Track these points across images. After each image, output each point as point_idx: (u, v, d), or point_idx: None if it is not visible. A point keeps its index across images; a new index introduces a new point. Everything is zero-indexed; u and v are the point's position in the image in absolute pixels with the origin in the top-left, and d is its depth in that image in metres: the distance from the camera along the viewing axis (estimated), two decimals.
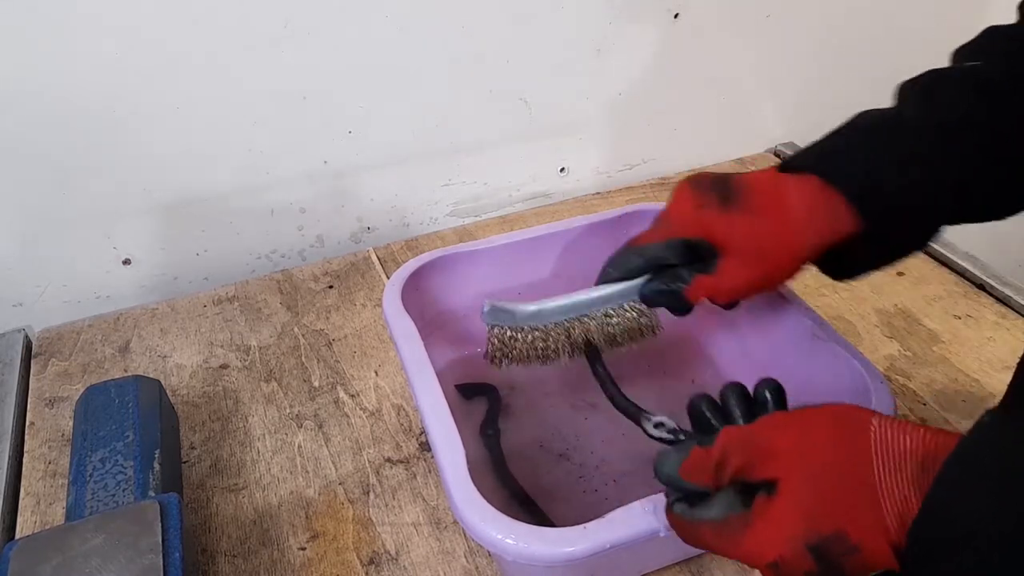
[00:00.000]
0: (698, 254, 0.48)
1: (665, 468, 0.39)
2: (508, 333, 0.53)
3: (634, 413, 0.50)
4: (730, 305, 0.50)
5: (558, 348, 0.54)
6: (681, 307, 0.51)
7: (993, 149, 0.42)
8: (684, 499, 0.39)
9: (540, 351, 0.54)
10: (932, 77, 0.45)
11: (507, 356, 0.54)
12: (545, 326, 0.53)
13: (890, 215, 0.44)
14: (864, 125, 0.45)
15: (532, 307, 0.53)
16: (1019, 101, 0.42)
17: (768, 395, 0.41)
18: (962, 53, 0.46)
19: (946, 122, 0.43)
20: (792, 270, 0.47)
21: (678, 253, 0.49)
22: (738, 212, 0.46)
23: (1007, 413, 0.32)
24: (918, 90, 0.45)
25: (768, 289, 0.48)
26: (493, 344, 0.53)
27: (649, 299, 0.52)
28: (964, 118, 0.42)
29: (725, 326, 0.64)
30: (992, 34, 0.46)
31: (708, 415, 0.42)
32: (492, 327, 0.53)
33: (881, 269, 0.48)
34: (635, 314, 0.53)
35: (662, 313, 0.54)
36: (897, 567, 0.32)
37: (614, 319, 0.54)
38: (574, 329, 0.54)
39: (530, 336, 0.53)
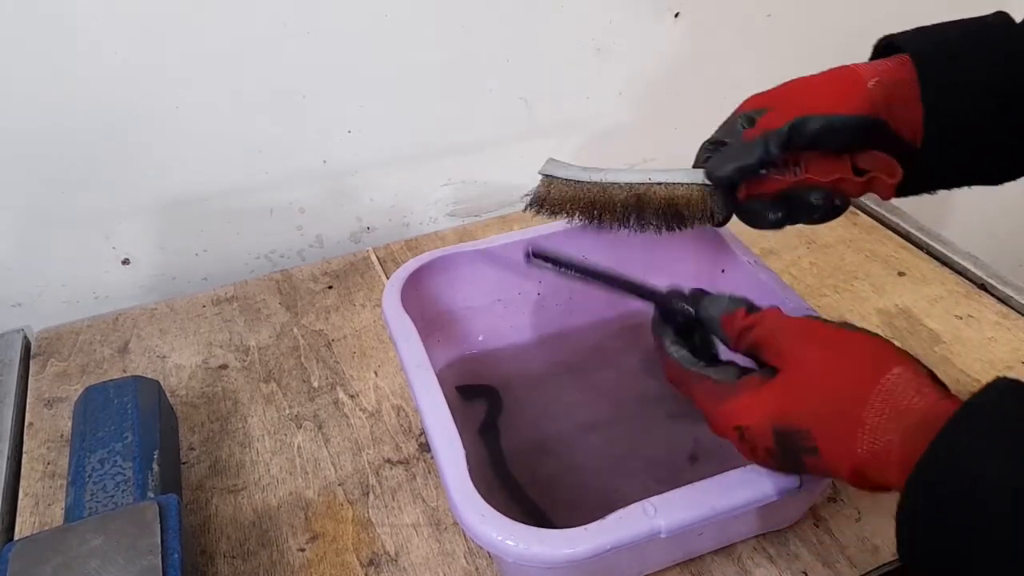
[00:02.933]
0: None
1: (710, 309, 0.45)
2: (559, 185, 0.55)
3: (662, 296, 0.48)
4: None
5: (604, 206, 0.54)
6: (750, 164, 0.48)
7: None
8: (689, 349, 0.45)
9: (583, 204, 0.54)
10: None
11: (549, 204, 0.55)
12: (599, 183, 0.53)
13: (956, 89, 0.43)
14: (984, 22, 0.45)
15: (592, 171, 0.53)
16: None
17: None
18: None
19: None
20: (853, 94, 0.45)
21: (740, 124, 0.50)
22: (786, 83, 0.49)
23: None
24: None
25: (836, 111, 0.46)
26: (539, 190, 0.56)
27: (711, 166, 0.50)
28: None
29: None
30: None
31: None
32: (545, 177, 0.55)
33: (931, 191, 0.48)
34: (693, 193, 0.52)
35: None
36: (850, 480, 0.36)
37: (670, 191, 0.52)
38: (625, 192, 0.53)
39: (581, 190, 0.54)
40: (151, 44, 0.65)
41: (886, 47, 0.48)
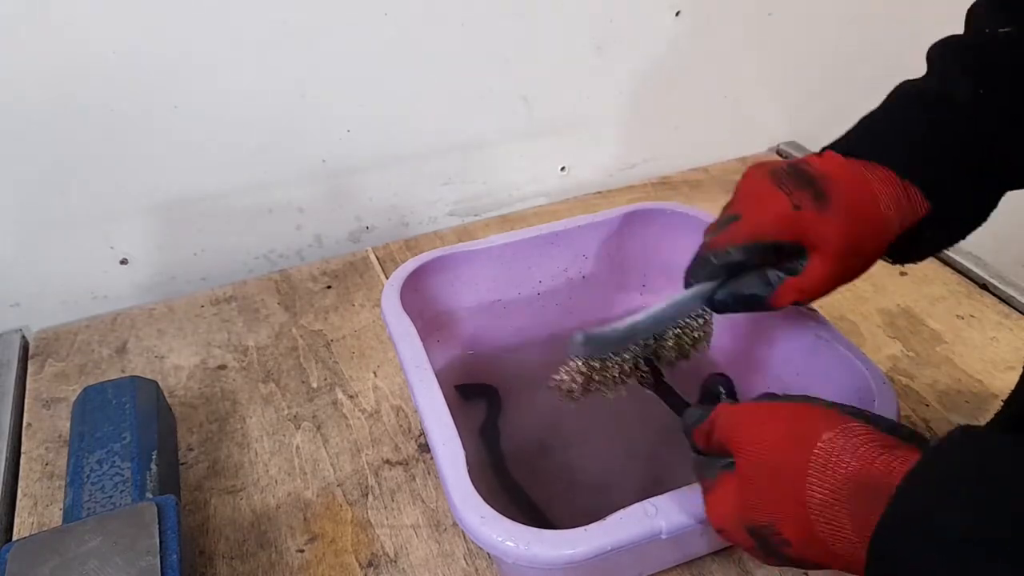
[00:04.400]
0: (778, 255, 0.46)
1: (685, 425, 0.43)
2: (592, 364, 0.48)
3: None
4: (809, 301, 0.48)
5: (632, 371, 0.50)
6: (762, 309, 0.48)
7: None
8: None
9: (617, 377, 0.50)
10: (969, 48, 0.44)
11: (585, 388, 0.49)
12: (623, 351, 0.49)
13: (956, 199, 0.43)
14: (913, 106, 0.45)
15: (622, 328, 0.48)
16: None
17: (721, 389, 0.46)
18: (981, 16, 0.45)
19: (999, 102, 0.42)
20: (874, 261, 0.46)
21: (763, 256, 0.45)
22: (834, 213, 0.43)
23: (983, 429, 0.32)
24: (958, 64, 0.44)
25: (846, 282, 0.46)
26: (571, 377, 0.48)
27: (726, 306, 0.48)
28: (1014, 93, 0.42)
29: (727, 327, 0.64)
30: None
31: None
32: (579, 360, 0.48)
33: (944, 249, 0.48)
34: (698, 323, 0.50)
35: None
36: (835, 566, 0.34)
37: (685, 331, 0.50)
38: (647, 348, 0.50)
39: (609, 363, 0.49)
40: (150, 42, 0.65)
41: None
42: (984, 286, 0.74)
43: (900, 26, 0.96)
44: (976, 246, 0.79)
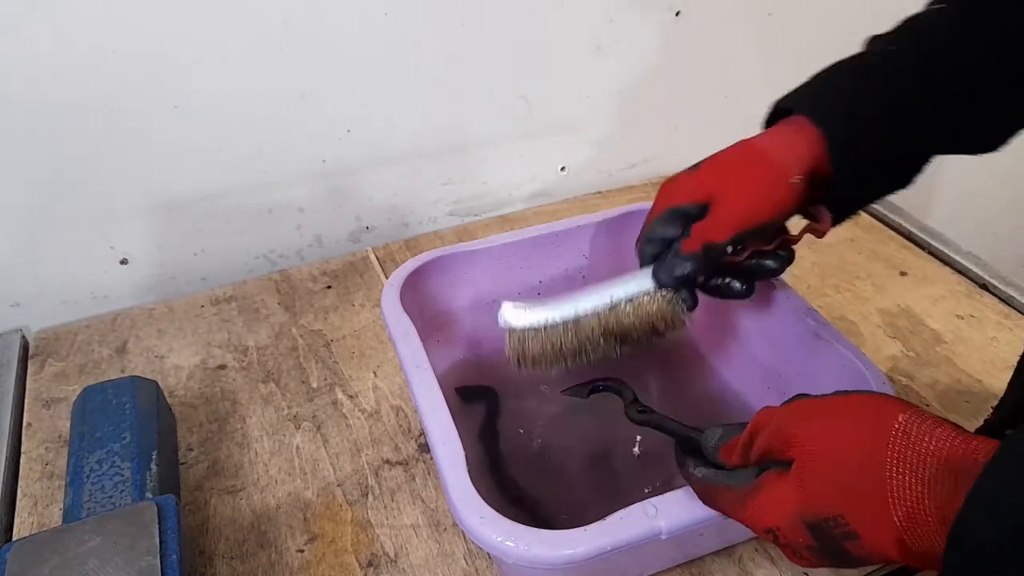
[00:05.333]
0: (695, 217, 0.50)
1: (707, 446, 0.42)
2: (528, 335, 0.52)
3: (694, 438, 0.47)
4: (736, 247, 0.49)
5: (584, 347, 0.52)
6: (695, 272, 0.50)
7: (959, 86, 0.44)
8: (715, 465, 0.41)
9: (564, 351, 0.52)
10: (902, 21, 0.48)
11: (530, 359, 0.52)
12: (565, 325, 0.52)
13: (859, 140, 0.46)
14: (832, 66, 0.50)
15: (549, 307, 0.52)
16: (979, 40, 0.44)
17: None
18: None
19: (909, 60, 0.45)
20: (781, 195, 0.47)
21: (674, 221, 0.50)
22: (706, 165, 0.51)
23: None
24: (884, 35, 0.48)
25: (770, 219, 0.48)
26: (513, 347, 0.52)
27: (660, 277, 0.51)
28: (928, 56, 0.45)
29: (727, 328, 0.64)
30: None
31: None
32: (510, 331, 0.52)
33: (865, 205, 0.52)
34: (657, 304, 0.51)
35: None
36: (902, 560, 0.32)
37: (637, 310, 0.52)
38: (597, 325, 0.52)
39: (552, 336, 0.52)
40: (150, 42, 0.65)
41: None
42: (984, 286, 0.74)
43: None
44: (976, 246, 0.79)
